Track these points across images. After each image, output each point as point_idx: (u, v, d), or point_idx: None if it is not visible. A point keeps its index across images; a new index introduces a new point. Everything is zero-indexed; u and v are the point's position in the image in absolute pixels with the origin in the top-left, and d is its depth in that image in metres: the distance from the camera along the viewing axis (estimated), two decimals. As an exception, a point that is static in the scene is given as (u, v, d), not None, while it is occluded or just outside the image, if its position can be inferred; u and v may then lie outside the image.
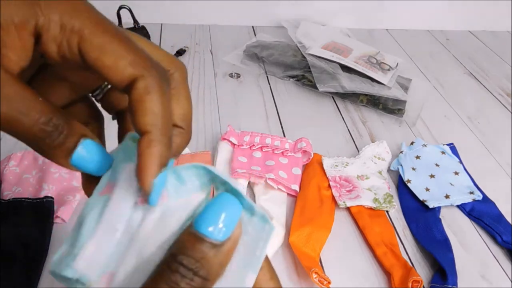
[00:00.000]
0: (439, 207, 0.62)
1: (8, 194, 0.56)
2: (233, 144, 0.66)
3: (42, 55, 0.21)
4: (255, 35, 1.03)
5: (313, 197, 0.60)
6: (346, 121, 0.79)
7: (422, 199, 0.62)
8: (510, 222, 0.60)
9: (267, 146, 0.66)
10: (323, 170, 0.64)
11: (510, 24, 1.19)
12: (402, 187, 0.64)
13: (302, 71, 0.87)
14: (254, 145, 0.66)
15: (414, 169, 0.66)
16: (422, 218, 0.60)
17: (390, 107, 0.80)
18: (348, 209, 0.60)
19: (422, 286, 0.51)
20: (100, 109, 0.27)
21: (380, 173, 0.66)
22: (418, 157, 0.68)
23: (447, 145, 0.72)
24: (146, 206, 0.22)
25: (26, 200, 0.55)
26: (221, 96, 0.82)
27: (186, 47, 0.95)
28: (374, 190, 0.63)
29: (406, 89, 0.86)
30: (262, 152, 0.66)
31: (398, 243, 0.57)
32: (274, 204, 0.59)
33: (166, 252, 0.20)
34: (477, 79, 0.97)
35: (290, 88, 0.86)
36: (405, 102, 0.81)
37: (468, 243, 0.58)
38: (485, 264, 0.56)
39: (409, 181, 0.64)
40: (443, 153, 0.69)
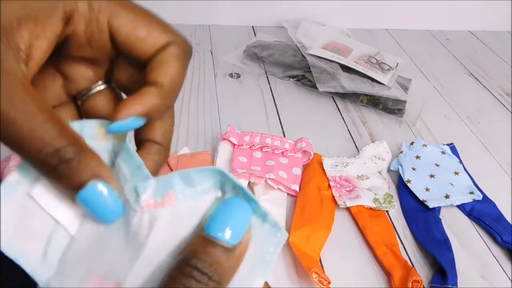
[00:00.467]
0: (439, 207, 0.62)
1: (8, 194, 0.56)
2: (233, 144, 0.66)
3: (66, 39, 0.22)
4: (255, 35, 1.03)
5: (313, 197, 0.60)
6: (346, 121, 0.79)
7: (422, 199, 0.62)
8: (510, 222, 0.60)
9: (267, 146, 0.66)
10: (323, 170, 0.64)
11: (510, 24, 1.19)
12: (402, 187, 0.64)
13: (302, 71, 0.87)
14: (254, 145, 0.66)
15: (414, 169, 0.66)
16: (422, 218, 0.60)
17: (390, 107, 0.80)
18: (348, 209, 0.60)
19: (422, 286, 0.51)
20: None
21: (380, 173, 0.66)
22: (418, 157, 0.68)
23: (447, 145, 0.72)
24: (153, 211, 0.21)
25: (26, 200, 0.54)
26: (221, 96, 0.82)
27: (186, 47, 0.95)
28: (374, 190, 0.63)
29: (406, 89, 0.86)
30: (262, 152, 0.66)
31: (398, 243, 0.57)
32: (274, 204, 0.59)
33: (177, 257, 0.20)
34: (477, 79, 0.97)
35: (290, 88, 0.86)
36: (405, 102, 0.81)
37: (468, 243, 0.58)
38: (485, 264, 0.56)
39: (409, 181, 0.64)
40: (443, 153, 0.70)
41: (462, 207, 0.63)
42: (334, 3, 1.08)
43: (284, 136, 0.73)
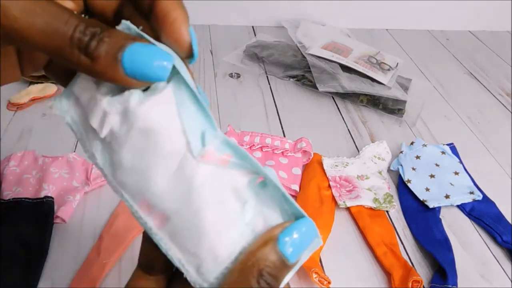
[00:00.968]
0: (439, 207, 0.62)
1: (8, 194, 0.56)
2: (233, 144, 0.66)
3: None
4: (255, 35, 1.03)
5: (313, 197, 0.60)
6: (346, 121, 0.79)
7: (422, 199, 0.62)
8: (510, 222, 0.61)
9: (267, 146, 0.66)
10: (323, 170, 0.64)
11: (510, 24, 1.19)
12: (402, 187, 0.64)
13: (302, 71, 0.87)
14: (254, 145, 0.66)
15: (414, 169, 0.66)
16: (422, 218, 0.60)
17: (390, 107, 0.80)
18: (348, 209, 0.60)
19: (422, 286, 0.51)
20: None
21: (380, 173, 0.66)
22: (418, 157, 0.68)
23: (447, 145, 0.72)
24: (209, 165, 0.21)
25: (26, 200, 0.55)
26: (221, 96, 0.82)
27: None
28: (374, 190, 0.63)
29: (406, 89, 0.86)
30: (262, 152, 0.66)
31: (398, 243, 0.57)
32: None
33: (246, 249, 0.21)
34: (477, 79, 0.97)
35: (290, 88, 0.86)
36: (405, 102, 0.81)
37: (468, 243, 0.58)
38: (485, 264, 0.56)
39: (409, 181, 0.64)
40: (443, 153, 0.70)
41: (462, 207, 0.63)
42: (334, 3, 1.08)
43: (284, 136, 0.73)
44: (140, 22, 0.22)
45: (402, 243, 0.57)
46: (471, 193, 0.63)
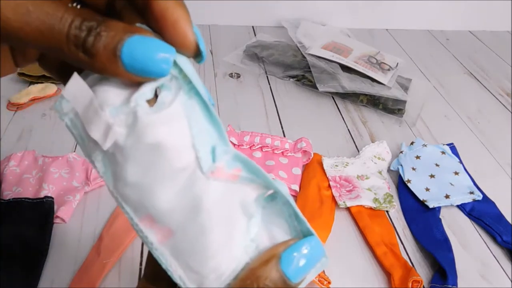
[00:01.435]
0: (439, 207, 0.62)
1: (8, 194, 0.56)
2: (233, 144, 0.66)
3: None
4: (255, 35, 1.03)
5: (313, 197, 0.60)
6: (346, 121, 0.79)
7: (422, 199, 0.62)
8: (510, 222, 0.61)
9: (267, 146, 0.66)
10: (323, 170, 0.64)
11: (510, 24, 1.19)
12: (402, 187, 0.64)
13: (302, 71, 0.87)
14: (254, 145, 0.66)
15: (414, 169, 0.66)
16: (422, 218, 0.60)
17: (390, 107, 0.80)
18: (348, 209, 0.60)
19: (422, 286, 0.51)
20: None
21: (380, 173, 0.66)
22: (418, 157, 0.68)
23: (447, 145, 0.72)
24: (219, 181, 0.21)
25: (26, 200, 0.55)
26: (221, 96, 0.82)
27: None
28: (374, 190, 0.63)
29: (406, 89, 0.86)
30: (262, 152, 0.66)
31: (398, 243, 0.57)
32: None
33: (248, 265, 0.21)
34: (477, 79, 0.97)
35: (290, 88, 0.86)
36: (405, 102, 0.81)
37: (468, 243, 0.58)
38: (485, 264, 0.56)
39: (409, 181, 0.64)
40: (443, 153, 0.70)
41: (462, 207, 0.63)
42: (334, 3, 1.08)
43: (284, 136, 0.73)
44: (133, 17, 0.22)
45: (402, 243, 0.57)
46: (471, 193, 0.63)
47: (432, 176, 0.66)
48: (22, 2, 0.18)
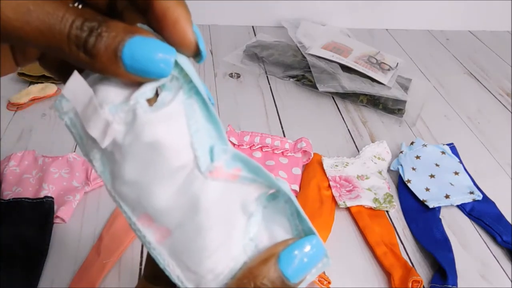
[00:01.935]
0: (439, 207, 0.62)
1: (8, 194, 0.56)
2: (233, 144, 0.66)
3: None
4: (255, 35, 1.03)
5: (313, 197, 0.60)
6: (346, 121, 0.79)
7: (422, 199, 0.62)
8: (510, 222, 0.60)
9: (267, 146, 0.66)
10: (323, 170, 0.64)
11: (510, 24, 1.19)
12: (402, 187, 0.64)
13: (302, 71, 0.87)
14: (254, 145, 0.66)
15: (414, 169, 0.66)
16: (422, 218, 0.60)
17: (390, 107, 0.80)
18: (348, 209, 0.60)
19: (422, 286, 0.51)
20: None
21: (380, 173, 0.66)
22: (418, 157, 0.68)
23: (447, 145, 0.72)
24: (217, 181, 0.21)
25: (26, 200, 0.55)
26: (221, 96, 0.82)
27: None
28: (374, 190, 0.63)
29: (406, 89, 0.86)
30: (262, 152, 0.66)
31: (398, 243, 0.57)
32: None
33: (245, 264, 0.21)
34: (477, 79, 0.97)
35: (290, 88, 0.86)
36: (405, 102, 0.81)
37: (468, 243, 0.58)
38: (485, 264, 0.56)
39: (409, 181, 0.64)
40: (443, 153, 0.70)
41: (462, 207, 0.63)
42: (334, 3, 1.08)
43: (284, 136, 0.73)
44: (134, 16, 0.21)
45: (402, 243, 0.57)
46: (471, 193, 0.63)
47: (432, 176, 0.66)
48: (22, 2, 0.18)
